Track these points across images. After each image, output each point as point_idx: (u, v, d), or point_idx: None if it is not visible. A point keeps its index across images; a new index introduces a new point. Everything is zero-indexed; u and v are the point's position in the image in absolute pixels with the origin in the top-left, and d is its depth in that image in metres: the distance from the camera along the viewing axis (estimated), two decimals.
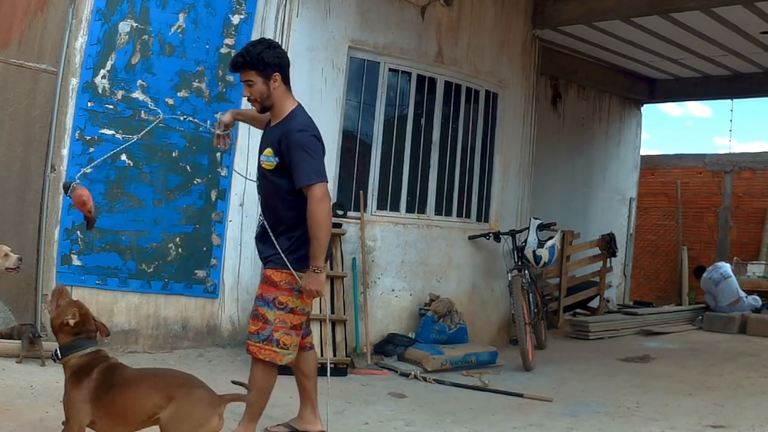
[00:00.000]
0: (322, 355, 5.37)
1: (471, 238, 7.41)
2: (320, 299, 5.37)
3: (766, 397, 5.53)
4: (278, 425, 4.13)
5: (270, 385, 3.81)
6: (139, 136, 4.42)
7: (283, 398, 4.81)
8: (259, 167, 3.81)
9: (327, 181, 3.69)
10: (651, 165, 14.22)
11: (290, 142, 3.62)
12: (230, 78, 5.93)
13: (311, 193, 3.58)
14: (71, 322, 3.03)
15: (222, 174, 5.95)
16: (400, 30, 6.86)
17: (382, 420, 4.48)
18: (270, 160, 3.70)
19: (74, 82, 5.38)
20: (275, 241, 3.70)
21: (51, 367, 4.78)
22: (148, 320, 5.68)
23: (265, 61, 3.67)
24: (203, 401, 2.97)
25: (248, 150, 6.05)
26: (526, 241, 7.23)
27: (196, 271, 5.85)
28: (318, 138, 3.74)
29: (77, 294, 5.37)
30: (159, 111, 5.61)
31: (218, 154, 5.91)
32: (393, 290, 6.78)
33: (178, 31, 5.71)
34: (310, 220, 3.57)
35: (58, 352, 3.06)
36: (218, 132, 3.93)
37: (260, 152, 3.81)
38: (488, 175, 7.76)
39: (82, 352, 3.04)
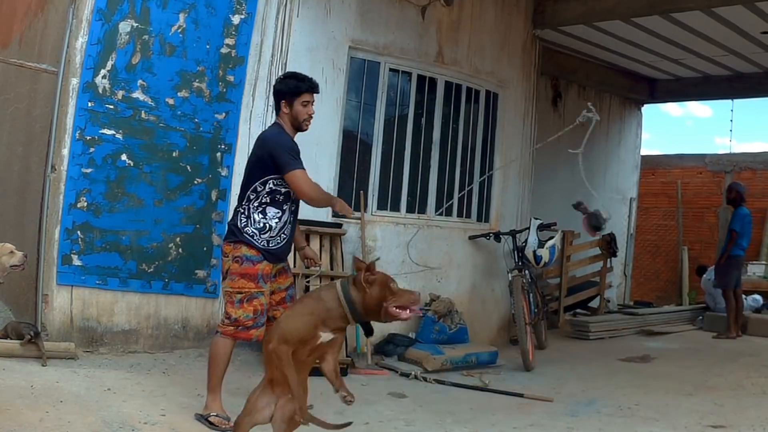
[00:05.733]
0: None
1: (471, 238, 7.41)
2: None
3: (766, 397, 5.53)
4: None
5: None
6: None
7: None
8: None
9: None
10: (651, 165, 14.21)
11: None
12: (230, 78, 5.93)
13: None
14: None
15: (222, 174, 5.94)
16: (401, 30, 6.86)
17: (382, 420, 4.48)
18: None
19: (74, 82, 5.37)
20: None
21: (51, 366, 4.77)
22: (149, 320, 5.68)
23: None
24: None
25: (248, 150, 6.05)
26: (526, 241, 7.22)
27: (196, 271, 5.85)
28: None
29: (77, 294, 5.41)
30: (159, 111, 5.61)
31: (218, 154, 5.91)
32: None
33: (179, 31, 5.71)
34: None
35: None
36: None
37: None
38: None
39: None
